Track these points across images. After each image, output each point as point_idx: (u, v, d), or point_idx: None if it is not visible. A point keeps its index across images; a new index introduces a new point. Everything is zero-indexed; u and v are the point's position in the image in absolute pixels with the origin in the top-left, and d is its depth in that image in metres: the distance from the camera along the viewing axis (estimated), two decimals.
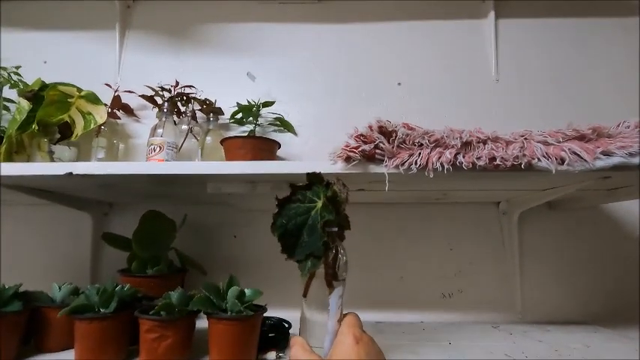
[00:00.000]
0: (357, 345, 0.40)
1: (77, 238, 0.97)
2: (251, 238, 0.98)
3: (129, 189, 0.86)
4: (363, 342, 0.41)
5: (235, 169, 0.59)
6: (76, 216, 0.95)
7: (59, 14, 1.11)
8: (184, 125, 0.95)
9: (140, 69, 1.08)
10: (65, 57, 1.08)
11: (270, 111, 0.99)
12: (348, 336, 0.41)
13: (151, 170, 0.59)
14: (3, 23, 1.09)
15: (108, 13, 1.09)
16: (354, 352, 0.39)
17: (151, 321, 0.55)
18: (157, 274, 0.78)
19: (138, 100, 1.04)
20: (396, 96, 1.04)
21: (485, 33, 1.05)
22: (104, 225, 0.99)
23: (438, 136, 0.54)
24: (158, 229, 0.78)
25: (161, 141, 0.85)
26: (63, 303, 0.66)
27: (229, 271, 0.92)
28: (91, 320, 0.56)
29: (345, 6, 1.09)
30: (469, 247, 0.95)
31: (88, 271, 0.95)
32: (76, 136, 0.88)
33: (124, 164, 0.62)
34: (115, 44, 1.08)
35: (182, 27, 1.11)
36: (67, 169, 0.60)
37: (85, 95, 0.89)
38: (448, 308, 0.93)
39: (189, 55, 1.09)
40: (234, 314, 0.56)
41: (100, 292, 0.60)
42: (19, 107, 0.85)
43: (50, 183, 0.75)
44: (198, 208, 0.97)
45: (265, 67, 1.07)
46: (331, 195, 0.54)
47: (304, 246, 0.57)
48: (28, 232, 0.98)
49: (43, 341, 0.64)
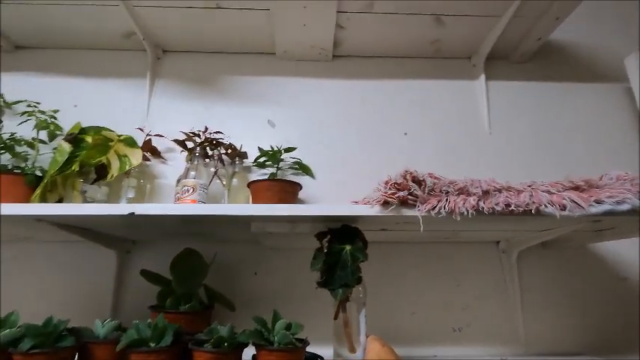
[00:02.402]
0: (384, 347, 0.58)
1: (101, 274, 0.98)
2: (270, 275, 1.03)
3: (155, 228, 0.91)
4: (387, 346, 0.58)
5: (282, 212, 0.67)
6: (101, 253, 0.98)
7: (94, 63, 1.19)
8: (211, 168, 1.02)
9: (167, 115, 1.16)
10: (96, 102, 1.15)
11: (290, 155, 1.08)
12: (376, 342, 0.60)
13: (211, 211, 0.65)
14: (39, 69, 1.17)
15: (139, 63, 1.19)
16: (382, 352, 0.57)
17: (207, 353, 0.59)
18: (189, 311, 0.81)
19: (164, 144, 1.11)
20: (402, 145, 1.16)
21: (477, 92, 1.21)
22: (126, 262, 1.02)
23: (462, 185, 0.64)
24: (193, 267, 0.83)
25: (194, 183, 0.92)
26: (106, 338, 0.69)
27: (250, 307, 0.97)
28: (149, 354, 0.59)
29: (356, 63, 1.24)
30: (474, 283, 1.03)
31: (110, 307, 0.96)
32: (112, 177, 0.93)
33: (180, 206, 0.68)
34: (145, 92, 1.16)
35: (207, 77, 1.21)
36: (129, 210, 0.65)
37: (124, 139, 0.96)
38: (458, 342, 0.99)
39: (213, 103, 1.18)
40: (283, 346, 0.61)
41: (153, 327, 0.63)
42: (60, 149, 0.90)
43: (86, 221, 0.79)
44: (219, 245, 1.01)
45: (284, 116, 1.18)
46: (362, 240, 0.65)
47: (338, 278, 0.66)
48: (56, 267, 0.99)
49: None
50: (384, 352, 0.56)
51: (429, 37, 1.15)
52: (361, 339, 0.67)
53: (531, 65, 1.25)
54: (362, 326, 0.67)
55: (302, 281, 1.00)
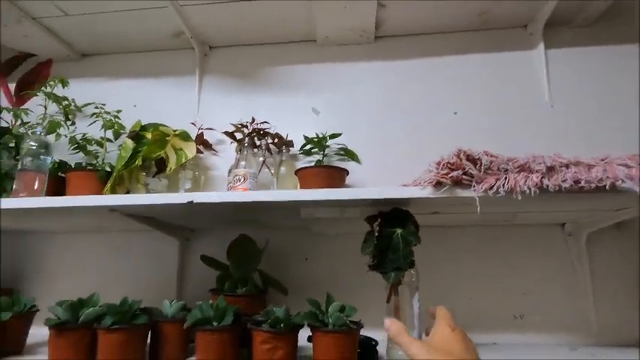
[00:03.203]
0: (454, 332, 0.46)
1: (165, 260, 1.06)
2: (320, 260, 1.05)
3: (211, 216, 0.96)
4: (457, 330, 0.47)
5: (333, 196, 0.67)
6: (165, 241, 1.05)
7: (147, 64, 1.27)
8: (260, 158, 1.05)
9: (216, 109, 1.21)
10: (152, 101, 1.23)
11: (335, 142, 1.08)
12: (444, 326, 0.48)
13: (264, 198, 0.67)
14: (102, 74, 1.27)
15: (188, 61, 1.24)
16: (452, 338, 0.45)
17: (266, 333, 0.61)
18: (245, 294, 0.85)
19: (215, 136, 1.16)
20: (452, 125, 1.11)
21: (535, 62, 1.11)
22: (187, 249, 1.09)
23: (522, 162, 0.59)
24: (248, 252, 0.87)
25: (245, 172, 0.95)
26: (174, 317, 0.74)
27: (301, 292, 0.99)
28: (213, 331, 0.63)
29: (399, 43, 1.19)
30: (535, 269, 0.97)
31: (174, 289, 1.04)
32: (170, 170, 1.00)
33: (235, 193, 0.71)
34: (194, 88, 1.22)
35: (251, 70, 1.24)
36: (188, 199, 0.69)
37: (179, 134, 1.02)
38: (520, 329, 0.94)
39: (258, 95, 1.21)
40: (338, 328, 0.62)
41: (214, 307, 0.67)
42: (124, 146, 0.98)
43: (150, 210, 0.85)
44: (270, 232, 1.04)
45: (328, 103, 1.17)
46: (414, 224, 0.63)
47: (390, 261, 0.65)
48: (126, 254, 1.09)
49: (160, 352, 0.72)
50: (453, 337, 0.45)
51: (476, 8, 1.07)
52: (415, 322, 0.66)
53: (596, 28, 1.12)
54: (415, 310, 0.66)
55: (351, 267, 1.00)
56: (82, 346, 0.67)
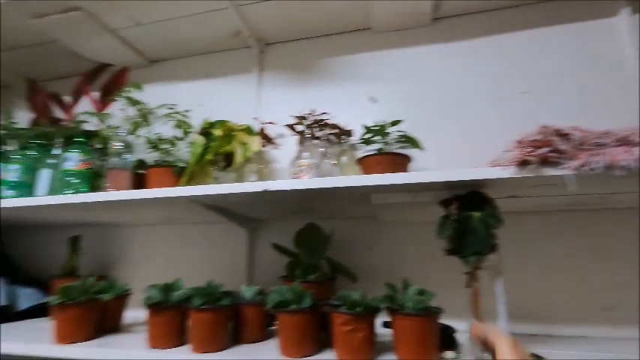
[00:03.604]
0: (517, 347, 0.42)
1: (235, 249, 1.12)
2: (386, 249, 1.04)
3: (278, 206, 0.99)
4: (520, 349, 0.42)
5: (408, 179, 0.66)
6: (235, 231, 1.11)
7: (209, 66, 1.34)
8: (320, 148, 1.07)
9: (275, 103, 1.25)
10: (216, 99, 1.30)
11: (396, 129, 1.06)
12: (507, 344, 0.43)
13: (337, 184, 0.69)
14: (169, 78, 1.36)
15: (246, 59, 1.29)
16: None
17: (346, 315, 0.62)
18: (316, 280, 0.87)
19: (275, 130, 1.20)
20: (521, 105, 1.04)
21: (618, 30, 1.01)
22: (255, 238, 1.14)
23: (621, 135, 0.54)
24: (316, 240, 0.89)
25: (308, 162, 0.97)
26: (253, 300, 0.78)
27: (368, 281, 1.00)
28: (294, 313, 0.66)
29: (459, 23, 1.14)
30: (629, 257, 0.88)
31: (245, 276, 1.09)
32: (237, 164, 1.05)
33: (308, 180, 0.72)
34: (253, 84, 1.27)
35: (308, 63, 1.26)
36: (262, 187, 0.73)
37: (244, 129, 1.06)
38: (609, 321, 0.86)
39: (316, 87, 1.23)
40: (419, 311, 0.61)
41: (292, 291, 0.70)
42: (195, 143, 1.04)
43: (224, 200, 0.90)
44: (334, 222, 1.06)
45: (385, 90, 1.16)
46: (493, 206, 0.60)
47: (469, 245, 0.63)
48: (199, 244, 1.17)
49: (241, 332, 0.76)
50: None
51: None
52: (499, 309, 0.63)
53: None
54: (499, 296, 0.64)
55: (418, 255, 0.99)
56: (175, 324, 0.73)
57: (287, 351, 0.66)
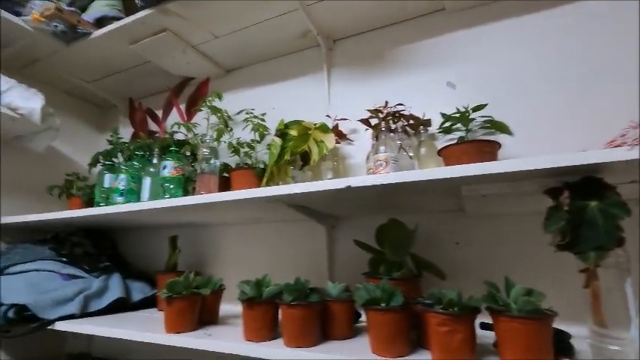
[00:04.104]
0: None
1: (315, 246, 1.14)
2: (474, 244, 0.97)
3: (357, 202, 0.98)
4: None
5: (508, 167, 0.59)
6: (313, 228, 1.13)
7: (279, 69, 1.38)
8: (397, 141, 1.03)
9: (346, 99, 1.24)
10: (288, 101, 1.33)
11: (479, 115, 0.97)
12: None
13: (425, 177, 0.65)
14: (243, 85, 1.44)
15: (315, 58, 1.30)
16: None
17: (443, 315, 0.59)
18: (402, 277, 0.84)
19: (348, 126, 1.19)
20: (628, 83, 0.88)
21: None
22: (333, 235, 1.15)
23: None
24: (399, 236, 0.85)
25: (386, 156, 0.94)
26: (339, 297, 0.78)
27: (455, 278, 0.93)
28: (385, 311, 0.64)
29: None
30: None
31: (326, 273, 1.11)
32: (314, 162, 1.06)
33: (394, 174, 0.69)
34: (324, 82, 1.27)
35: (378, 54, 1.22)
36: (344, 184, 0.72)
37: (319, 127, 1.07)
38: None
39: (388, 77, 1.19)
40: (528, 313, 0.55)
41: (381, 289, 0.68)
42: (274, 144, 1.08)
43: (305, 198, 0.91)
44: (415, 216, 1.01)
45: (464, 74, 1.08)
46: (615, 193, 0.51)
47: (586, 239, 0.54)
48: (279, 241, 1.22)
49: (330, 328, 0.77)
50: None
51: None
52: (631, 314, 0.54)
53: None
54: (630, 298, 0.54)
55: (515, 251, 0.90)
56: (267, 318, 0.76)
57: (380, 350, 0.64)
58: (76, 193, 1.33)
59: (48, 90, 1.34)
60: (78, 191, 1.34)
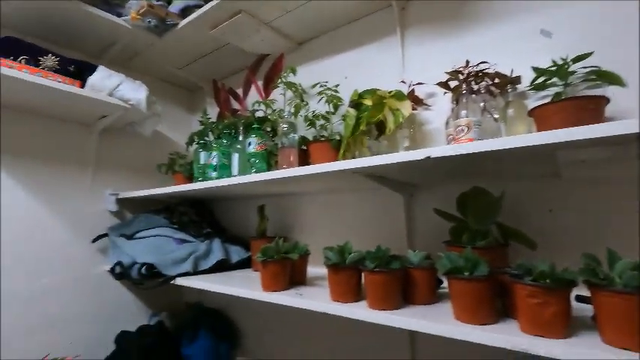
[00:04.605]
0: None
1: (393, 215, 1.16)
2: (570, 211, 0.89)
3: (436, 171, 0.95)
4: None
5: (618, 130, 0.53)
6: (391, 198, 1.14)
7: (350, 36, 1.36)
8: (480, 103, 0.96)
9: (421, 61, 1.18)
10: (360, 69, 1.32)
11: (581, 66, 0.85)
12: None
13: (514, 144, 0.61)
14: (314, 57, 1.45)
15: (386, 21, 1.25)
16: None
17: (534, 287, 0.57)
18: (485, 246, 0.82)
19: (424, 91, 1.14)
20: None
21: None
22: (411, 204, 1.15)
23: None
24: (484, 204, 0.83)
25: (468, 121, 0.89)
26: (420, 265, 0.80)
27: (548, 249, 0.88)
28: (468, 280, 0.65)
29: None
30: None
31: (405, 241, 1.13)
32: (390, 131, 1.05)
33: (477, 143, 0.67)
34: (397, 46, 1.22)
35: (456, 9, 1.12)
36: (424, 154, 0.71)
37: (394, 94, 1.05)
38: None
39: (468, 34, 1.09)
40: (632, 289, 0.51)
41: (464, 258, 0.68)
42: (349, 115, 1.09)
43: (384, 169, 0.92)
44: (502, 183, 0.96)
45: (561, 18, 0.94)
46: None
47: None
48: (357, 211, 1.26)
49: (411, 294, 0.80)
50: None
51: None
52: None
53: None
54: None
55: (622, 220, 0.80)
56: (351, 282, 0.83)
57: (463, 317, 0.66)
58: (178, 170, 1.53)
59: (146, 80, 1.52)
60: (180, 168, 1.53)
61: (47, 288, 1.36)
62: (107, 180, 1.57)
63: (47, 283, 1.36)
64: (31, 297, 1.32)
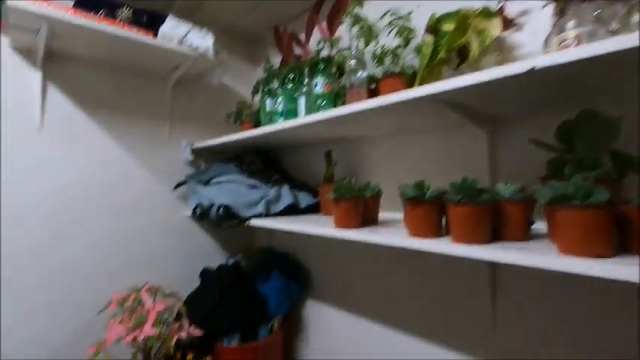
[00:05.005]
0: None
1: (473, 153, 1.06)
2: None
3: (529, 96, 0.83)
4: None
5: None
6: (469, 135, 1.04)
7: None
8: (589, 11, 0.79)
9: None
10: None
11: None
12: None
13: None
14: None
15: None
16: None
17: None
18: (596, 178, 0.71)
19: (515, 8, 0.98)
20: None
21: None
22: (495, 140, 1.04)
23: None
24: (597, 129, 0.70)
25: (577, 32, 0.75)
26: (514, 198, 0.72)
27: None
28: (582, 208, 0.56)
29: None
30: None
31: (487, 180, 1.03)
32: (474, 56, 0.93)
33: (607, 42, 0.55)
34: None
35: None
36: (528, 66, 0.61)
37: (480, 12, 0.92)
38: None
39: None
40: None
41: (573, 184, 0.59)
42: (425, 43, 0.98)
43: (462, 96, 0.82)
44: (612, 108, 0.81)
45: None
46: None
47: None
48: (435, 152, 1.18)
49: (502, 229, 0.73)
50: None
51: None
52: None
53: None
54: None
55: None
56: (431, 218, 0.78)
57: (572, 250, 0.58)
58: (245, 119, 1.56)
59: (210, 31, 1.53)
60: (247, 117, 1.56)
61: (137, 232, 1.52)
62: (182, 131, 1.66)
63: (137, 228, 1.52)
64: (126, 240, 1.49)
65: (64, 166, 1.36)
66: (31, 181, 1.29)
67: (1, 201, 1.23)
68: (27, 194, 1.28)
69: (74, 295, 1.36)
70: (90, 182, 1.41)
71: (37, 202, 1.30)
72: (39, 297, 1.28)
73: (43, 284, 1.30)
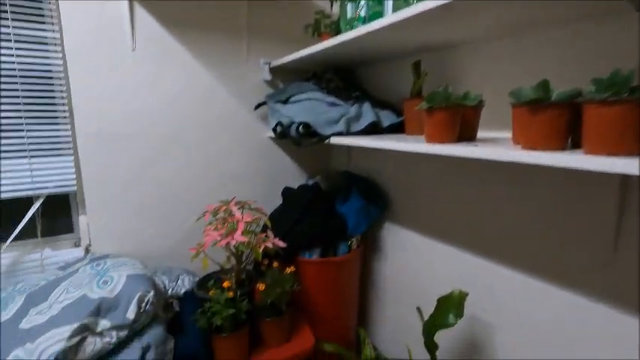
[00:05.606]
0: None
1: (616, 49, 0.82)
2: None
3: None
4: None
5: None
6: (612, 20, 0.80)
7: None
8: None
9: None
10: None
11: None
12: None
13: None
14: None
15: None
16: None
17: None
18: None
19: None
20: None
21: None
22: None
23: None
24: None
25: None
26: None
27: None
28: None
29: None
30: None
31: None
32: None
33: None
34: None
35: None
36: None
37: None
38: None
39: None
40: None
41: None
42: None
43: None
44: None
45: None
46: None
47: None
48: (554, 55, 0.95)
49: None
50: None
51: None
52: None
53: None
54: None
55: None
56: (559, 123, 0.63)
57: None
58: (324, 30, 1.43)
59: None
60: (326, 28, 1.43)
61: (226, 151, 1.59)
62: (260, 49, 1.61)
63: (225, 148, 1.59)
64: (216, 159, 1.57)
65: (158, 85, 1.43)
66: (134, 99, 1.40)
67: (111, 118, 1.36)
68: (131, 112, 1.40)
69: (180, 205, 1.53)
70: (182, 102, 1.48)
71: (140, 120, 1.42)
72: (154, 208, 1.47)
73: (154, 198, 1.48)
